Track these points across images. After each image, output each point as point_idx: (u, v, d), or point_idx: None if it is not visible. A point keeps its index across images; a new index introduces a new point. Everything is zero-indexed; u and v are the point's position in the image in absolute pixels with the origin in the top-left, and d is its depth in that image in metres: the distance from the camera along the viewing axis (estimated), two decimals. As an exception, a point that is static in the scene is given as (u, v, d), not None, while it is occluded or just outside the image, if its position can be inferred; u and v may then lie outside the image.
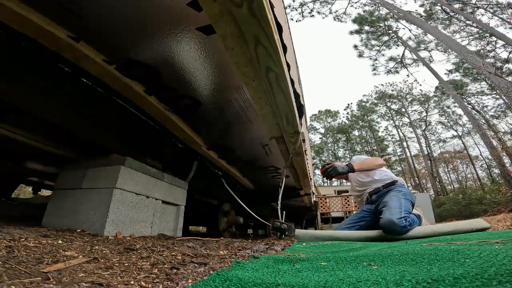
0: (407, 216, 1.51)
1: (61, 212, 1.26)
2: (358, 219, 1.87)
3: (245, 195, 2.66)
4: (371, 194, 1.96)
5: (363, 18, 15.91)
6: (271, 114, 1.26)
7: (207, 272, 0.56)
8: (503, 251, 0.48)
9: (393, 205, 1.60)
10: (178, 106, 1.37)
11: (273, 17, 0.77)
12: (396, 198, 1.67)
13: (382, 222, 1.50)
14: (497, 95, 13.55)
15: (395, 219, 1.46)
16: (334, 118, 31.96)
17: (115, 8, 0.84)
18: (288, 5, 16.80)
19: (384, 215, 1.53)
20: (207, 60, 1.06)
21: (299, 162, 2.00)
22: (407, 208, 1.61)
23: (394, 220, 1.45)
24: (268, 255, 0.83)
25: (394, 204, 1.60)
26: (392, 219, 1.46)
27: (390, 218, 1.47)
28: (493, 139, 12.80)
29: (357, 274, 0.49)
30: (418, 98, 26.29)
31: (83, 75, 1.12)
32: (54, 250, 0.63)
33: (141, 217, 1.34)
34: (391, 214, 1.51)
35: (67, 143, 1.46)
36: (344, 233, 1.61)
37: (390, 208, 1.57)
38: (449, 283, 0.36)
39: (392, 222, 1.45)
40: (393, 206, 1.58)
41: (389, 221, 1.46)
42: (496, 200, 11.68)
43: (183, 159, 1.90)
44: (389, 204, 1.63)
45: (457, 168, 27.50)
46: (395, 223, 1.44)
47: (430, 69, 14.97)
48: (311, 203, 4.13)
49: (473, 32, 13.29)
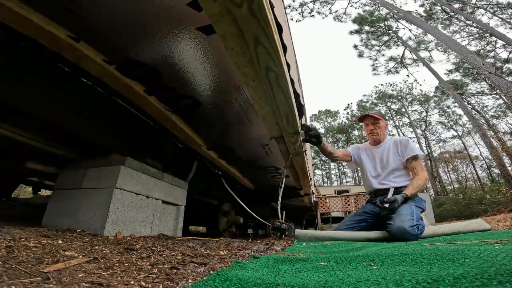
0: (419, 224, 1.48)
1: (61, 212, 1.26)
2: (359, 220, 1.83)
3: (245, 195, 2.66)
4: (378, 194, 1.87)
5: (363, 18, 15.91)
6: (271, 114, 1.26)
7: (207, 272, 0.56)
8: (503, 251, 0.48)
9: (404, 212, 1.54)
10: (178, 106, 1.37)
11: (273, 17, 0.77)
12: (407, 205, 1.61)
13: (393, 229, 1.44)
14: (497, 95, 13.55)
15: (407, 226, 1.41)
16: (334, 118, 31.98)
17: (115, 8, 0.84)
18: (288, 5, 16.81)
19: (394, 222, 1.47)
20: (207, 60, 1.06)
21: (299, 162, 2.00)
22: (418, 215, 1.56)
23: (406, 228, 1.41)
24: (268, 255, 0.83)
25: (405, 211, 1.54)
26: (404, 226, 1.41)
27: (402, 226, 1.42)
28: (493, 139, 12.81)
29: (357, 274, 0.49)
30: (418, 98, 26.31)
31: (83, 75, 1.12)
32: (54, 250, 0.63)
33: (141, 217, 1.34)
34: (402, 221, 1.45)
35: (67, 143, 1.46)
36: (344, 233, 1.61)
37: (401, 214, 1.51)
38: (449, 283, 0.36)
39: (404, 230, 1.40)
40: (404, 213, 1.52)
41: (401, 229, 1.41)
42: (496, 200, 11.68)
43: (183, 159, 1.90)
44: (400, 210, 1.56)
45: (457, 168, 27.50)
46: (408, 231, 1.40)
47: (430, 69, 14.98)
48: (311, 203, 4.14)
49: (473, 32, 13.30)
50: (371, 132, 1.99)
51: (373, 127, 1.98)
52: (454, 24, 13.78)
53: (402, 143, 1.89)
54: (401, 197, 1.60)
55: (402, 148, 1.87)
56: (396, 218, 1.50)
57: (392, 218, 1.52)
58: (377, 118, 1.98)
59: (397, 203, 1.57)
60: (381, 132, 1.99)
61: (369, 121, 2.01)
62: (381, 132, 1.98)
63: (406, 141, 1.90)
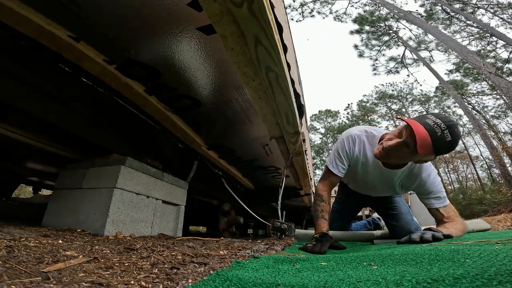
0: (417, 225, 1.46)
1: (61, 212, 1.26)
2: (350, 216, 1.71)
3: (245, 195, 2.66)
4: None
5: (364, 18, 15.90)
6: (271, 114, 1.26)
7: (207, 272, 0.56)
8: (503, 251, 0.48)
9: (404, 210, 1.48)
10: (178, 106, 1.37)
11: (274, 17, 0.77)
12: (401, 201, 1.54)
13: (401, 232, 1.35)
14: (498, 95, 13.53)
15: (413, 229, 1.37)
16: (334, 118, 31.93)
17: (115, 8, 0.84)
18: (288, 5, 16.79)
19: (400, 224, 1.43)
20: (207, 60, 1.06)
21: (299, 162, 2.00)
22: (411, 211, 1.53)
23: (412, 230, 1.35)
24: (268, 255, 0.83)
25: (405, 210, 1.48)
26: (411, 230, 1.36)
27: (409, 230, 1.36)
28: (494, 139, 12.79)
29: (357, 274, 0.49)
30: (418, 98, 26.27)
31: (84, 75, 1.12)
32: (54, 250, 0.63)
33: (141, 217, 1.34)
34: (407, 223, 1.42)
35: (67, 143, 1.46)
36: (344, 233, 1.61)
37: (402, 214, 1.46)
38: (449, 283, 0.36)
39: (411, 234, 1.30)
40: (404, 212, 1.47)
41: (408, 232, 1.21)
42: (496, 200, 11.66)
43: (183, 159, 1.90)
44: (400, 209, 1.48)
45: (457, 168, 27.47)
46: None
47: (431, 69, 14.96)
48: (311, 203, 4.13)
49: (473, 32, 13.29)
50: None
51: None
52: (454, 24, 13.77)
53: (422, 179, 1.17)
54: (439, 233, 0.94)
55: (420, 188, 1.19)
56: (400, 220, 1.46)
57: (393, 217, 1.49)
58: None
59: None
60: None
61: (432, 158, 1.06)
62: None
63: (426, 177, 1.17)
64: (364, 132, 1.24)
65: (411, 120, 0.95)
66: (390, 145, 1.02)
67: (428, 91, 27.27)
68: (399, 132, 1.03)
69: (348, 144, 1.24)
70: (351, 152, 1.24)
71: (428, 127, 0.90)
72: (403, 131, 1.00)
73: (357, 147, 1.23)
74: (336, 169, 1.26)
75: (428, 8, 14.08)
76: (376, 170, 1.24)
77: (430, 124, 0.91)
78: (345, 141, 1.25)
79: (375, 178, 1.28)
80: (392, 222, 1.49)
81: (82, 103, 1.22)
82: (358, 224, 2.00)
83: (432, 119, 0.92)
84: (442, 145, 0.90)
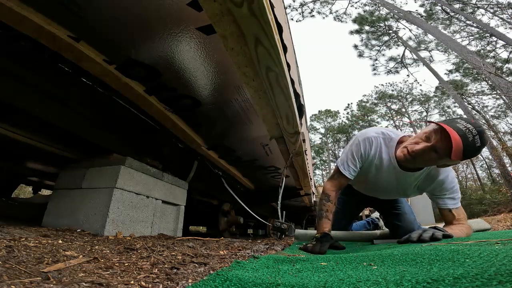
0: (419, 225, 1.46)
1: (61, 212, 1.26)
2: (352, 216, 1.73)
3: (245, 195, 2.66)
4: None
5: (363, 18, 15.90)
6: (271, 114, 1.26)
7: (207, 272, 0.56)
8: (503, 251, 0.48)
9: (407, 210, 1.48)
10: (178, 106, 1.37)
11: (274, 17, 0.77)
12: (404, 200, 1.54)
13: (404, 232, 1.26)
14: (497, 95, 13.54)
15: (416, 229, 1.33)
16: (334, 118, 31.92)
17: (115, 8, 0.84)
18: (288, 5, 16.80)
19: (403, 224, 1.43)
20: (207, 60, 1.06)
21: (299, 162, 2.00)
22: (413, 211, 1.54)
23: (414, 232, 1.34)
24: (268, 255, 0.83)
25: (408, 210, 1.49)
26: (414, 230, 1.30)
27: (412, 229, 1.32)
28: (493, 139, 12.80)
29: (357, 274, 0.49)
30: (418, 98, 26.28)
31: (84, 75, 1.12)
32: (54, 250, 0.63)
33: (141, 217, 1.34)
34: (410, 223, 1.42)
35: (67, 143, 1.46)
36: (344, 233, 1.61)
37: (406, 214, 1.46)
38: (449, 283, 0.36)
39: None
40: (408, 212, 1.47)
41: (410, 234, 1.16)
42: (496, 200, 11.67)
43: (183, 159, 1.90)
44: (403, 208, 1.48)
45: (457, 168, 27.48)
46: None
47: (430, 69, 14.96)
48: (311, 203, 4.13)
49: (473, 32, 13.30)
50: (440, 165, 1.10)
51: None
52: (454, 24, 13.78)
53: (441, 180, 1.15)
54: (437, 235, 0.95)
55: (437, 188, 1.18)
56: (404, 220, 1.46)
57: (396, 217, 1.48)
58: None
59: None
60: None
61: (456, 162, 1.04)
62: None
63: (445, 178, 1.15)
64: (381, 134, 1.22)
65: (445, 125, 0.92)
66: (418, 149, 1.00)
67: (428, 91, 27.27)
68: (426, 136, 1.00)
69: (364, 146, 1.21)
70: (367, 155, 1.21)
71: (461, 132, 0.89)
72: (432, 136, 0.98)
73: (373, 150, 1.20)
74: (347, 171, 1.23)
75: (428, 8, 14.09)
76: (389, 173, 1.21)
77: (462, 130, 0.89)
78: (361, 144, 1.21)
79: (387, 180, 1.25)
80: (395, 222, 1.48)
81: (82, 103, 1.22)
82: (358, 224, 2.00)
83: (463, 124, 0.91)
84: (471, 151, 0.89)
